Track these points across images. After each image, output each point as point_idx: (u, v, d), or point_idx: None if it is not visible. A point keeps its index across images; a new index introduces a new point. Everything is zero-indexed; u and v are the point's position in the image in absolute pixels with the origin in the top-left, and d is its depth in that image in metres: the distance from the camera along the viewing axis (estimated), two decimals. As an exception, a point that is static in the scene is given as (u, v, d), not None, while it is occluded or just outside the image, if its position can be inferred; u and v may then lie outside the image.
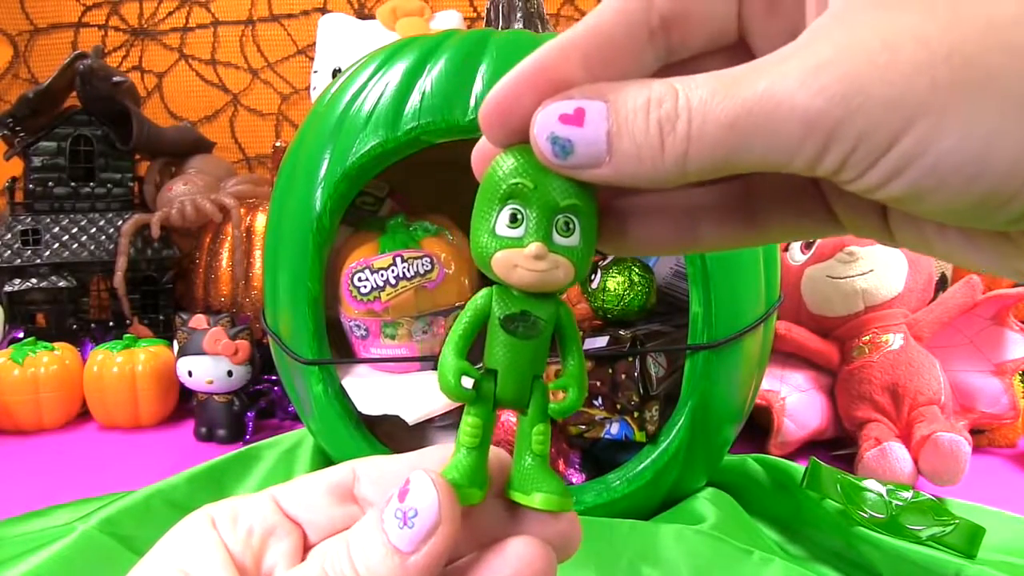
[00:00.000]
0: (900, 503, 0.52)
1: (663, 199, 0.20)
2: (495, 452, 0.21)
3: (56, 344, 0.83)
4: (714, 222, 0.19)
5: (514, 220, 0.18)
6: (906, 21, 0.14)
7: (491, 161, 0.19)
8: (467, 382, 0.20)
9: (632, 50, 0.17)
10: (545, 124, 0.16)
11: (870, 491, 0.53)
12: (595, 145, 0.16)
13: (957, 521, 0.50)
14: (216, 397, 0.76)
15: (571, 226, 0.18)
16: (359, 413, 0.58)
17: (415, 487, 0.18)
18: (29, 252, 0.93)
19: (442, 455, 0.21)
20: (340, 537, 0.19)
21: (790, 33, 0.16)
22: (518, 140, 0.18)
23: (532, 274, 0.18)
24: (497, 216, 0.18)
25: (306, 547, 0.21)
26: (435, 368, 0.21)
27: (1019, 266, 0.16)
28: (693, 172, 0.16)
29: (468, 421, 0.20)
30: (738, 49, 0.18)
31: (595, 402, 0.56)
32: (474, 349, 0.20)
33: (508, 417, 0.56)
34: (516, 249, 0.18)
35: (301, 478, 0.22)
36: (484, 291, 0.20)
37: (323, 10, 1.19)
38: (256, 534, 0.20)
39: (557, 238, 0.18)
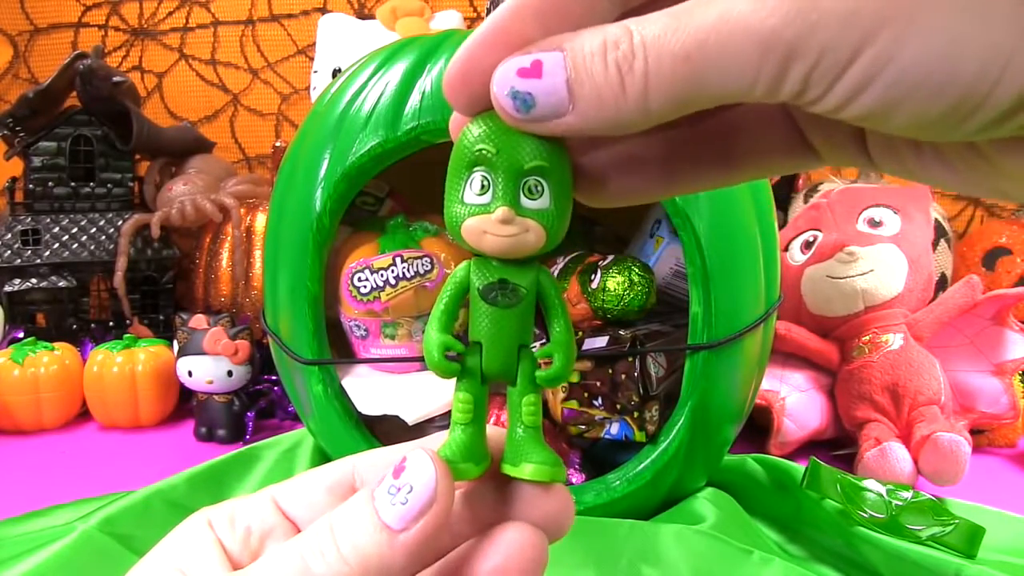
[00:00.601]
0: (900, 503, 0.52)
1: (639, 145, 0.19)
2: (495, 431, 0.21)
3: (56, 344, 0.83)
4: (692, 165, 0.19)
5: (482, 187, 0.18)
6: None
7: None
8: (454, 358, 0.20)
9: (586, 0, 0.17)
10: (504, 80, 0.16)
11: (870, 491, 0.53)
12: (556, 95, 0.16)
13: (957, 521, 0.50)
14: (216, 397, 0.76)
15: (539, 188, 0.18)
16: (359, 413, 0.58)
17: (412, 464, 0.18)
18: (29, 252, 0.93)
19: (442, 443, 0.21)
20: (323, 518, 0.18)
21: None
22: (483, 106, 0.18)
23: (501, 240, 0.18)
24: (465, 184, 0.18)
25: None
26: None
27: (997, 184, 0.16)
28: (656, 111, 0.15)
29: (459, 397, 0.20)
30: None
31: (595, 402, 0.56)
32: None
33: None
34: (484, 216, 0.18)
35: (301, 476, 0.21)
36: (463, 264, 0.20)
37: (323, 10, 1.19)
38: (255, 534, 0.20)
39: (525, 201, 0.18)
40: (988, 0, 0.13)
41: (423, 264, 0.59)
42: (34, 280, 0.93)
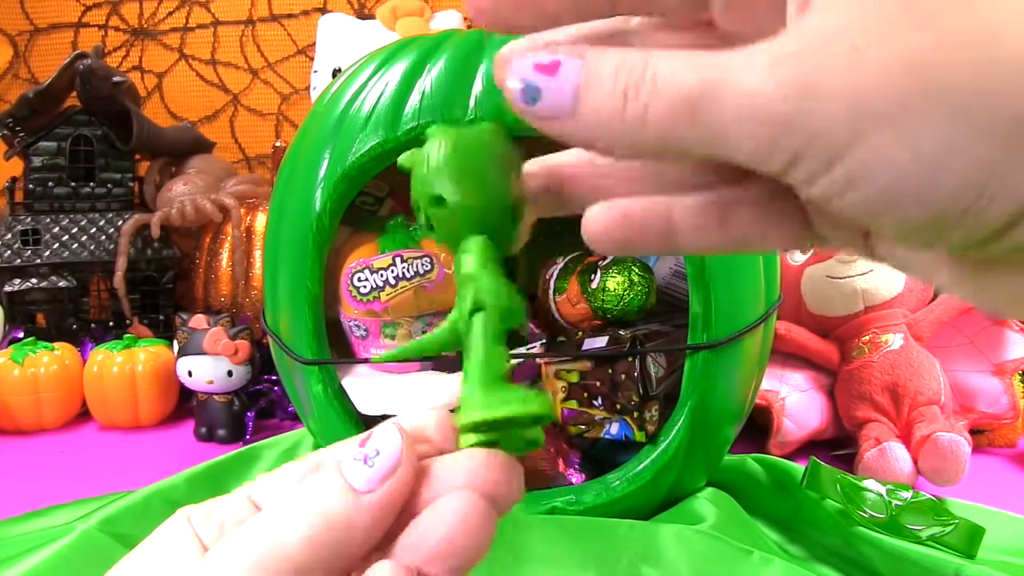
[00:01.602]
0: (900, 503, 0.52)
1: (643, 203, 0.20)
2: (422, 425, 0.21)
3: (56, 344, 0.83)
4: (693, 227, 0.20)
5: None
6: (877, 24, 0.14)
7: None
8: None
9: None
10: (519, 70, 0.17)
11: (870, 491, 0.53)
12: (562, 95, 0.16)
13: (957, 521, 0.50)
14: (216, 397, 0.76)
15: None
16: (359, 413, 0.58)
17: (379, 432, 0.19)
18: (29, 252, 0.93)
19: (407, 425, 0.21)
20: (290, 491, 0.19)
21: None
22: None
23: None
24: None
25: None
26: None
27: (988, 299, 0.16)
28: (648, 142, 0.16)
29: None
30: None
31: (595, 402, 0.56)
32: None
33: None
34: None
35: (274, 472, 0.22)
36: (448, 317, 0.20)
37: (323, 10, 1.19)
38: (228, 526, 0.20)
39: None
40: (986, 109, 0.13)
41: (423, 264, 0.59)
42: (34, 280, 0.93)
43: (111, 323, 0.96)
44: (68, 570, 0.47)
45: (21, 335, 0.87)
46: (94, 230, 0.96)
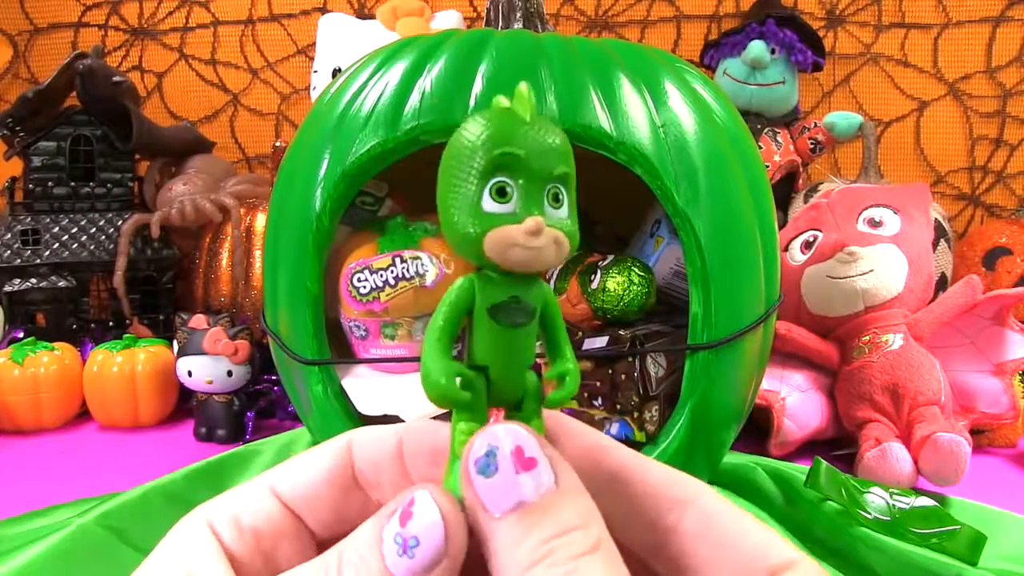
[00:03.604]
0: (903, 506, 0.52)
1: None
2: None
3: (56, 344, 0.83)
4: None
5: (502, 194, 0.16)
6: None
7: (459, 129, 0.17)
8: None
9: None
10: (503, 445, 0.17)
11: (875, 496, 0.53)
12: (504, 495, 0.17)
13: (959, 528, 0.50)
14: (216, 397, 0.76)
15: (560, 197, 0.17)
16: (359, 413, 0.58)
17: (419, 511, 0.16)
18: (29, 252, 0.93)
19: (436, 431, 0.19)
20: (330, 558, 0.17)
21: None
22: None
23: (531, 252, 0.16)
24: (483, 191, 0.16)
25: (318, 543, 0.20)
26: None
27: None
28: None
29: (462, 428, 0.18)
30: None
31: (595, 402, 0.56)
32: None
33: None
34: (511, 226, 0.16)
35: (295, 462, 0.20)
36: (460, 280, 0.18)
37: (323, 10, 1.19)
38: (266, 538, 0.19)
39: (549, 211, 0.17)
40: None
41: (423, 264, 0.59)
42: (34, 280, 0.93)
43: (111, 323, 0.96)
44: (64, 564, 0.47)
45: (21, 335, 0.87)
46: (94, 230, 0.96)
